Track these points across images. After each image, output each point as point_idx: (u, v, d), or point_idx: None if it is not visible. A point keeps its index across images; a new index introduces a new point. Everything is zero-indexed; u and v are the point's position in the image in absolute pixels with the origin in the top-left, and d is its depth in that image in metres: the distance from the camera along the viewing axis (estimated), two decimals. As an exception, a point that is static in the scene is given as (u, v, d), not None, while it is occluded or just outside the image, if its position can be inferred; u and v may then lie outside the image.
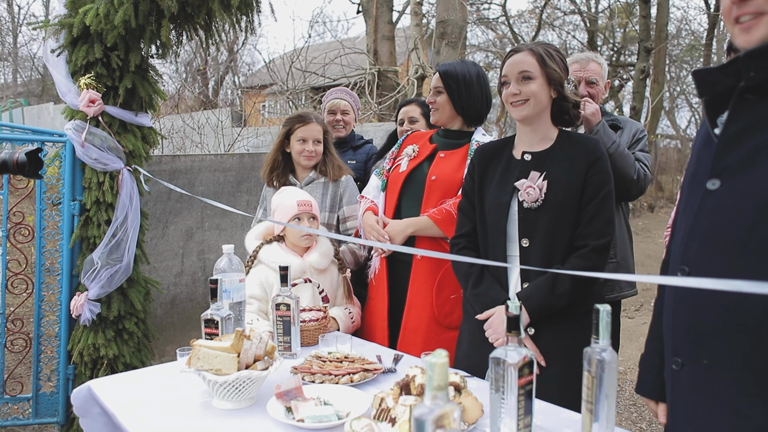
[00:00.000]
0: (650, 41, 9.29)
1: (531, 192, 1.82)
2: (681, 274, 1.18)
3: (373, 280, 2.44)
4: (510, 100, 1.90)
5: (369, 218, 2.39)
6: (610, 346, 1.26)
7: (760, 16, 1.06)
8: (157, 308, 3.65)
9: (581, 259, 1.80)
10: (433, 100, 2.37)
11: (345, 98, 3.31)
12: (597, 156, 1.85)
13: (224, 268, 1.93)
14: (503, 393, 1.26)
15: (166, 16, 2.49)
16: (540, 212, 1.83)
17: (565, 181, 1.83)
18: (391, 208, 2.40)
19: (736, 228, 1.08)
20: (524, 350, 1.28)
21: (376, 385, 1.73)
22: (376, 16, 7.98)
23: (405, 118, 3.06)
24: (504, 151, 1.99)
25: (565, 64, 1.93)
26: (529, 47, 1.90)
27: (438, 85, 2.36)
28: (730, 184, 1.11)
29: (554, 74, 1.86)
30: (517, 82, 1.87)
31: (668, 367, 1.22)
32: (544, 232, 1.82)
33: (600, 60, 2.76)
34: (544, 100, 1.88)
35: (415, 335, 2.22)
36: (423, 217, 2.26)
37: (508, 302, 1.27)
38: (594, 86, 2.69)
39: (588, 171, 1.83)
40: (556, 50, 1.93)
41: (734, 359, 1.08)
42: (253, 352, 1.55)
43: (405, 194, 2.37)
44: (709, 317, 1.11)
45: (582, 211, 1.83)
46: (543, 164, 1.87)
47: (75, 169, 2.91)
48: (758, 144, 1.07)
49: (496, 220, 1.90)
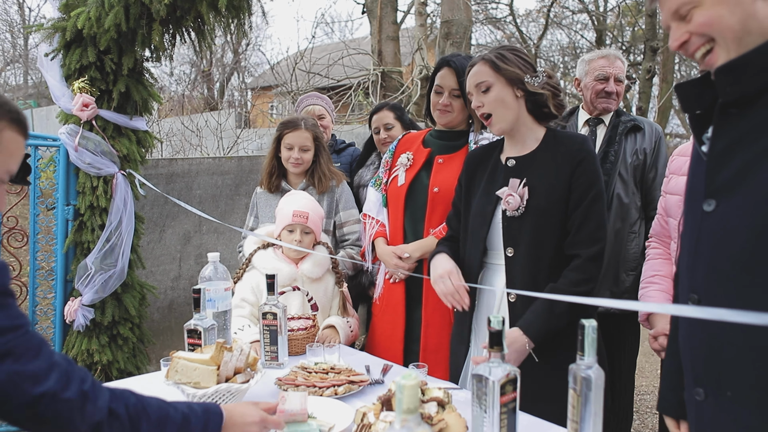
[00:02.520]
0: (656, 40, 9.18)
1: (511, 200, 1.77)
2: (691, 303, 1.13)
3: (378, 300, 2.38)
4: (478, 113, 1.86)
5: (384, 249, 2.33)
6: (597, 363, 1.21)
7: (711, 50, 1.03)
8: (154, 312, 3.63)
9: (575, 271, 1.73)
10: (449, 103, 2.25)
11: (318, 103, 3.23)
12: (582, 156, 1.77)
13: (209, 276, 1.90)
14: (486, 410, 1.22)
15: (156, 19, 2.46)
16: (523, 220, 1.77)
17: (547, 186, 1.76)
18: (397, 226, 2.34)
19: (738, 251, 1.04)
20: (508, 366, 1.23)
21: (363, 397, 1.69)
22: (381, 17, 7.93)
23: (380, 125, 2.94)
24: (492, 154, 1.93)
25: (526, 60, 1.85)
26: (482, 57, 1.85)
27: (454, 86, 2.23)
28: (726, 205, 1.06)
29: (511, 74, 1.79)
30: (477, 95, 1.83)
31: (690, 396, 1.17)
32: (528, 241, 1.76)
33: (623, 59, 2.69)
34: (511, 103, 1.81)
35: (437, 355, 2.14)
36: (430, 239, 2.21)
37: (490, 317, 1.22)
38: (620, 84, 2.62)
39: (573, 173, 1.76)
40: (511, 49, 1.86)
41: (758, 391, 1.03)
42: (233, 365, 1.52)
43: (407, 209, 2.31)
44: (727, 346, 1.07)
45: (570, 216, 1.76)
46: (525, 169, 1.81)
47: (69, 174, 2.89)
48: (747, 159, 1.03)
49: (477, 230, 1.86)
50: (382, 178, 2.45)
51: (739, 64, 1.01)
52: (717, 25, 1.01)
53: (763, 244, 1.00)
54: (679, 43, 1.07)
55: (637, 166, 2.56)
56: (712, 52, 1.04)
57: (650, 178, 2.57)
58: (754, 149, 1.02)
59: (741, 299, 1.02)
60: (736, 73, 1.01)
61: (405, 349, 2.25)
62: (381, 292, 2.35)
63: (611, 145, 2.58)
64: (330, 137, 3.27)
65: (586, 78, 2.67)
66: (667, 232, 2.10)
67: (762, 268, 1.01)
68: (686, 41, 1.06)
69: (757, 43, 1.00)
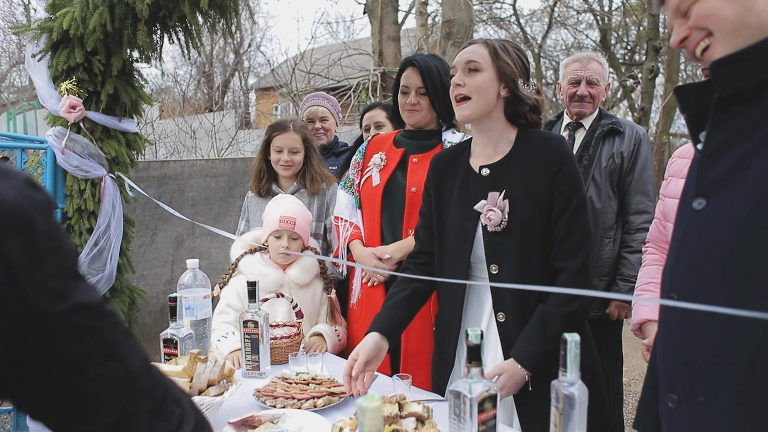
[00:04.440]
0: (659, 40, 9.08)
1: (492, 216, 1.64)
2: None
3: (355, 305, 2.30)
4: (453, 93, 1.71)
5: (362, 250, 2.24)
6: (580, 379, 1.15)
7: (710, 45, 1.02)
8: (146, 317, 3.59)
9: (565, 288, 1.65)
10: (416, 101, 2.20)
11: (322, 104, 3.17)
12: (562, 161, 1.66)
13: (188, 283, 1.85)
14: (463, 429, 1.16)
15: (141, 19, 2.42)
16: (506, 235, 1.65)
17: (528, 197, 1.65)
18: (373, 227, 2.25)
19: (722, 250, 1.00)
20: (487, 382, 1.17)
21: (344, 409, 1.63)
22: (381, 17, 7.88)
23: (371, 123, 2.92)
24: (460, 159, 1.80)
25: (525, 63, 1.75)
26: (484, 40, 1.74)
27: (420, 85, 2.20)
28: (715, 203, 1.02)
29: (506, 68, 1.67)
30: (463, 73, 1.69)
31: (664, 404, 1.12)
32: (513, 257, 1.66)
33: (601, 60, 2.65)
34: (491, 97, 1.68)
35: (418, 358, 2.08)
36: (410, 239, 2.13)
37: (468, 330, 1.16)
38: (595, 86, 2.58)
39: (554, 180, 1.65)
40: (515, 47, 1.76)
41: (730, 395, 0.99)
42: (206, 377, 1.46)
43: (383, 209, 2.24)
44: (702, 351, 1.03)
45: (554, 226, 1.66)
46: (502, 178, 1.70)
47: (56, 177, 2.85)
48: (741, 154, 0.99)
49: (458, 247, 1.73)
50: (353, 179, 2.38)
51: (737, 58, 0.99)
52: (714, 17, 1.00)
53: (747, 243, 0.96)
54: (680, 39, 1.06)
55: (613, 170, 2.52)
56: (710, 47, 1.03)
57: (627, 183, 2.53)
58: (746, 146, 0.99)
59: (720, 299, 0.98)
60: (734, 67, 0.99)
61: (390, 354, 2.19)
62: (359, 296, 2.28)
63: (586, 149, 2.56)
64: (332, 139, 3.22)
65: (563, 82, 2.67)
66: (664, 237, 2.03)
67: (744, 268, 0.97)
68: (686, 37, 1.06)
69: (756, 38, 0.98)
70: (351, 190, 2.37)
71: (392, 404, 1.37)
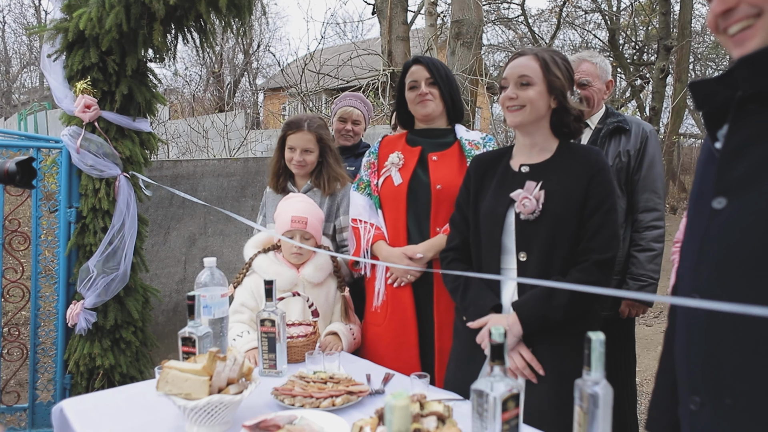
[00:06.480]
0: (670, 39, 9.02)
1: (527, 203, 1.70)
2: None
3: (378, 308, 2.25)
4: (506, 104, 1.79)
5: (390, 251, 2.19)
6: (605, 378, 1.14)
7: (750, 26, 0.97)
8: (159, 316, 3.60)
9: (583, 273, 1.68)
10: (427, 91, 2.21)
11: (358, 107, 3.13)
12: (599, 168, 1.74)
13: (206, 282, 1.85)
14: (486, 428, 1.16)
15: (157, 19, 2.42)
16: (538, 224, 1.71)
17: (565, 192, 1.71)
18: (398, 227, 2.22)
19: (748, 250, 0.98)
20: (510, 381, 1.17)
21: (362, 408, 1.63)
22: (391, 17, 7.87)
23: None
24: (501, 161, 1.88)
25: (571, 73, 1.81)
26: (534, 51, 1.79)
27: (428, 76, 2.22)
28: (737, 202, 1.00)
29: (556, 82, 1.75)
30: (515, 87, 1.77)
31: (685, 407, 1.10)
32: (542, 247, 1.70)
33: (595, 59, 2.59)
34: (542, 109, 1.76)
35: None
36: (440, 237, 2.12)
37: (491, 329, 1.16)
38: (586, 88, 2.53)
39: (590, 183, 1.72)
40: (563, 58, 1.81)
41: (758, 397, 0.97)
42: (226, 375, 1.46)
43: (409, 208, 2.22)
44: (728, 351, 1.01)
45: (585, 224, 1.71)
46: (540, 175, 1.76)
47: (71, 176, 2.87)
48: (764, 155, 0.97)
49: (490, 231, 1.78)
50: (367, 180, 2.36)
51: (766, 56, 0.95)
52: None
53: None
54: (725, 8, 1.00)
55: (621, 168, 2.48)
56: (751, 28, 0.97)
57: (635, 181, 2.50)
58: None
59: (746, 298, 0.96)
60: (762, 65, 0.95)
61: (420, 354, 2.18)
62: (384, 298, 2.25)
63: None
64: (359, 141, 3.19)
65: None
66: None
67: None
68: (733, 8, 0.99)
69: None
70: (367, 191, 2.35)
71: (413, 403, 1.37)
